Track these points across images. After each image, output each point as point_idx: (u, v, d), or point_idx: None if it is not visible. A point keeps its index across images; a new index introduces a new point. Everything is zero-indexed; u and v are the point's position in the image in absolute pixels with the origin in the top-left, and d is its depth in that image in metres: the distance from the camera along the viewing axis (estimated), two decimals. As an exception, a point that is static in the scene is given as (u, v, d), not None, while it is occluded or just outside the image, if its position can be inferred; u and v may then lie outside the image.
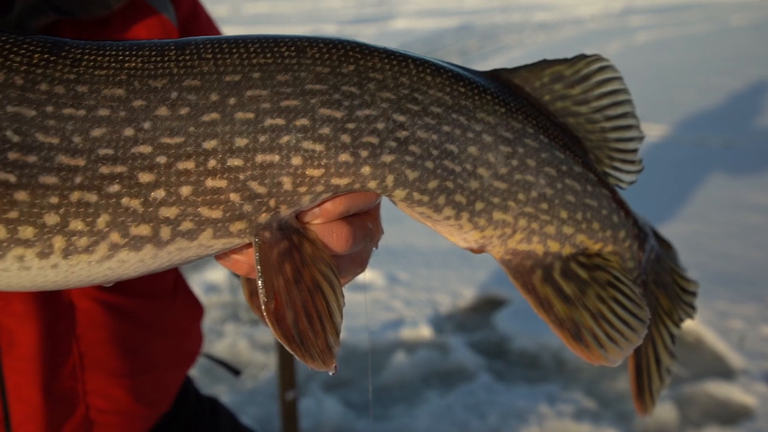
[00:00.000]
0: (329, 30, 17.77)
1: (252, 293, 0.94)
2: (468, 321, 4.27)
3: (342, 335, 4.07)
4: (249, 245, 0.86)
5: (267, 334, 4.17)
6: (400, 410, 3.50)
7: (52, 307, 1.22)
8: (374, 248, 0.95)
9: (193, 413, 1.61)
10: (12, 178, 0.73)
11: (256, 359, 3.93)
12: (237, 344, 4.05)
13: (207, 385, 3.62)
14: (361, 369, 3.84)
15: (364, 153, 0.84)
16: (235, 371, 1.85)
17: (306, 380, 3.65)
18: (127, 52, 0.79)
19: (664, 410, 3.38)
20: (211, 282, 4.77)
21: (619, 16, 20.46)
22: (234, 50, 0.81)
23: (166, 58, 0.79)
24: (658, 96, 9.12)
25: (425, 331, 4.08)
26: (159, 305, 1.41)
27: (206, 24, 1.47)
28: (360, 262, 0.94)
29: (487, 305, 4.41)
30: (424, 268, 4.78)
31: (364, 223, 0.89)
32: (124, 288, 1.32)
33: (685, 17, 18.83)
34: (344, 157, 0.83)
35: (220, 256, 0.87)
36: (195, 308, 1.55)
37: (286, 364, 2.80)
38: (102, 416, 1.31)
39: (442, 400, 3.51)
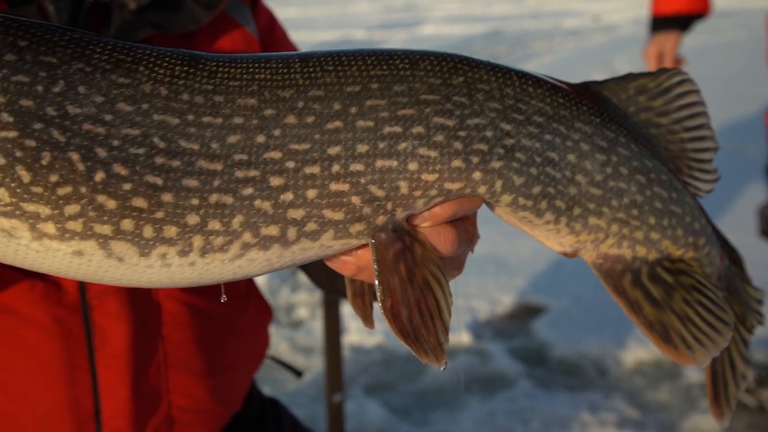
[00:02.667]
0: (358, 35, 17.87)
1: (355, 294, 0.98)
2: (506, 328, 4.28)
3: (381, 340, 4.12)
4: (358, 247, 0.90)
5: (307, 336, 4.21)
6: (441, 415, 3.51)
7: (143, 307, 1.26)
8: (470, 252, 0.99)
9: (258, 414, 1.65)
10: (159, 181, 0.78)
11: (297, 361, 3.97)
12: (278, 347, 4.10)
13: (250, 386, 3.66)
14: (402, 373, 3.86)
15: (475, 159, 0.88)
16: (297, 372, 1.88)
17: (348, 383, 3.68)
18: (257, 65, 0.83)
19: (707, 420, 3.36)
20: (251, 284, 4.82)
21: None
22: (353, 63, 0.86)
23: (291, 70, 0.84)
24: (693, 104, 9.03)
25: (464, 338, 4.09)
26: (235, 307, 1.45)
27: (282, 37, 1.52)
28: (458, 265, 0.97)
29: (526, 312, 4.42)
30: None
31: (466, 227, 0.93)
32: (204, 290, 1.36)
33: (719, 24, 18.63)
34: (457, 162, 0.87)
35: (329, 257, 0.90)
36: (265, 310, 1.59)
37: (333, 367, 2.83)
38: (183, 414, 1.35)
39: (483, 406, 3.53)
